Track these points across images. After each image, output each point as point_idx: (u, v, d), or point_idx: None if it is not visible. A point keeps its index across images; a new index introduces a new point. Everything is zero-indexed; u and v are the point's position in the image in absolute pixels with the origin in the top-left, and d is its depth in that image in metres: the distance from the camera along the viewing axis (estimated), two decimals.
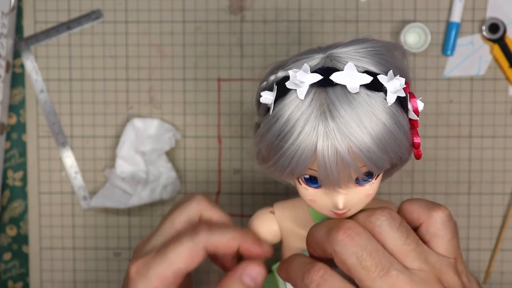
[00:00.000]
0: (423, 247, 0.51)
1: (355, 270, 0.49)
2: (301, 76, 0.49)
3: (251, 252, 0.57)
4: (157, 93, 0.77)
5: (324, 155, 0.49)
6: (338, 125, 0.48)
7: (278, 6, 0.76)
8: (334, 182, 0.50)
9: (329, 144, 0.48)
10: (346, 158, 0.49)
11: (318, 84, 0.49)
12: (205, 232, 0.56)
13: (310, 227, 0.55)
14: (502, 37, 0.75)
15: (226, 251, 0.57)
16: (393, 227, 0.50)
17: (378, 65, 0.51)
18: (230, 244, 0.57)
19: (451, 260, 0.51)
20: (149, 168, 0.76)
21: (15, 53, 0.78)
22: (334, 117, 0.48)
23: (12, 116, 0.78)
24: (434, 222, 0.52)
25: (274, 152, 0.51)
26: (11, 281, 0.79)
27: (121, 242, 0.79)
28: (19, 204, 0.79)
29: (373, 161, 0.49)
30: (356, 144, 0.48)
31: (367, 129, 0.48)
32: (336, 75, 0.49)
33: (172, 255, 0.55)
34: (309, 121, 0.49)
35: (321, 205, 0.53)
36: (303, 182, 0.53)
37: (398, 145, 0.50)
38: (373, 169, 0.50)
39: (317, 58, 0.51)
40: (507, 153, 0.77)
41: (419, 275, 0.49)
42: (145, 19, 0.77)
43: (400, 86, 0.50)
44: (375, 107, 0.49)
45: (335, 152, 0.48)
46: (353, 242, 0.49)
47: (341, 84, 0.49)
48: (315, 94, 0.49)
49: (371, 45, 0.52)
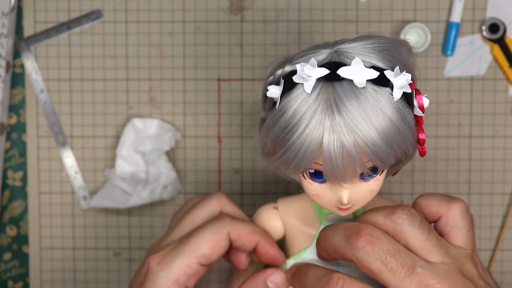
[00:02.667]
0: (443, 241, 0.52)
1: (381, 274, 0.49)
2: (309, 70, 0.49)
3: (268, 252, 0.58)
4: (157, 93, 0.77)
5: (330, 149, 0.49)
6: (345, 119, 0.48)
7: (278, 6, 0.76)
8: (339, 177, 0.51)
9: (335, 138, 0.49)
10: (352, 152, 0.49)
11: (325, 79, 0.49)
12: (228, 219, 0.57)
13: (319, 229, 0.55)
14: (502, 37, 0.75)
15: (247, 243, 0.57)
16: (415, 225, 0.51)
17: (384, 61, 0.51)
18: (251, 236, 0.57)
19: (469, 251, 0.52)
20: (149, 168, 0.76)
21: (15, 53, 0.78)
22: (340, 111, 0.48)
23: (12, 116, 0.78)
24: (454, 214, 0.53)
25: (280, 145, 0.51)
26: (11, 281, 0.79)
27: (121, 242, 0.79)
28: (19, 204, 0.79)
29: (378, 156, 0.49)
30: (362, 138, 0.49)
31: (373, 123, 0.49)
32: (343, 69, 0.49)
33: (196, 241, 0.55)
34: (315, 115, 0.49)
35: (325, 200, 0.53)
36: (308, 177, 0.53)
37: (403, 140, 0.50)
38: (378, 164, 0.51)
39: (324, 53, 0.51)
40: (507, 153, 0.77)
41: (443, 268, 0.50)
42: (145, 19, 0.77)
43: (406, 82, 0.50)
44: (381, 102, 0.49)
45: (341, 146, 0.49)
46: (375, 247, 0.50)
47: (348, 78, 0.49)
48: (322, 88, 0.49)
49: (378, 41, 0.52)
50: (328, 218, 0.57)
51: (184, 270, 0.55)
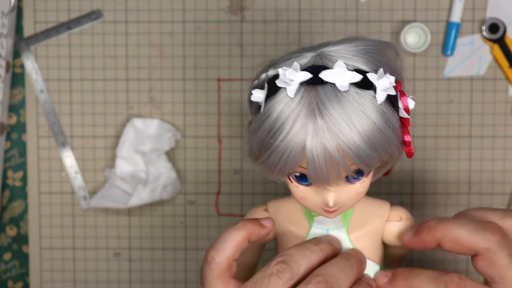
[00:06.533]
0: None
1: (504, 271, 0.51)
2: (291, 74, 0.49)
3: (258, 237, 0.57)
4: (157, 93, 0.77)
5: (313, 153, 0.49)
6: (327, 123, 0.48)
7: (278, 6, 0.76)
8: (323, 180, 0.51)
9: (318, 142, 0.49)
10: (335, 156, 0.49)
11: (308, 82, 0.49)
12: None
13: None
14: (502, 37, 0.75)
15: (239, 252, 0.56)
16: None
17: (368, 64, 0.51)
18: (240, 245, 0.56)
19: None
20: (149, 168, 0.76)
21: (15, 53, 0.78)
22: (323, 115, 0.48)
23: (12, 116, 0.78)
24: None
25: (264, 149, 0.51)
26: (11, 281, 0.79)
27: (121, 242, 0.79)
28: (19, 204, 0.79)
29: (362, 159, 0.49)
30: (345, 142, 0.48)
31: (356, 127, 0.49)
32: (326, 73, 0.49)
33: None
34: (298, 119, 0.49)
35: (311, 202, 0.53)
36: (293, 180, 0.53)
37: (387, 143, 0.50)
38: (362, 167, 0.51)
39: (307, 56, 0.51)
40: (507, 153, 0.77)
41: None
42: (145, 19, 0.77)
43: (390, 84, 0.50)
44: (364, 105, 0.49)
45: (324, 150, 0.49)
46: (509, 243, 0.51)
47: (330, 82, 0.49)
48: (304, 92, 0.49)
49: (362, 43, 0.52)
50: (317, 220, 0.57)
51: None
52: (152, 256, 0.79)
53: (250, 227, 0.55)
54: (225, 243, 0.54)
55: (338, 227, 0.57)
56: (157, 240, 0.78)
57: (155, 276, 0.79)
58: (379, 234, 0.58)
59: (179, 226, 0.78)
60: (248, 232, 0.54)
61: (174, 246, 0.78)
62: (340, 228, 0.57)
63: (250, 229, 0.55)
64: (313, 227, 0.57)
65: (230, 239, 0.54)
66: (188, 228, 0.78)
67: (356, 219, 0.57)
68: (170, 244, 0.78)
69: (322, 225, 0.57)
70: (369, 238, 0.58)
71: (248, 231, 0.54)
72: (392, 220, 0.59)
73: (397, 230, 0.58)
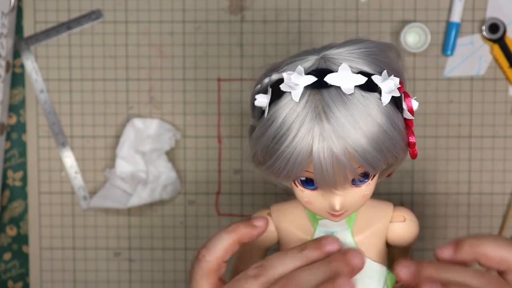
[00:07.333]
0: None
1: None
2: (296, 78, 0.49)
3: (251, 238, 0.57)
4: (157, 93, 0.77)
5: (320, 157, 0.49)
6: (333, 127, 0.48)
7: (278, 6, 0.76)
8: (330, 184, 0.50)
9: (324, 146, 0.48)
10: (342, 159, 0.48)
11: (313, 86, 0.49)
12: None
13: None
14: (502, 37, 0.75)
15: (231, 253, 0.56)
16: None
17: (372, 66, 0.51)
18: (230, 248, 0.56)
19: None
20: (149, 168, 0.76)
21: (15, 53, 0.78)
22: (329, 118, 0.48)
23: (12, 116, 0.78)
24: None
25: (269, 155, 0.51)
26: (11, 281, 0.79)
27: (121, 242, 0.79)
28: (19, 204, 0.79)
29: (368, 162, 0.49)
30: (352, 145, 0.48)
31: (362, 130, 0.48)
32: (331, 76, 0.49)
33: None
34: (304, 123, 0.49)
35: (317, 206, 0.53)
36: (299, 184, 0.53)
37: (393, 145, 0.50)
38: (369, 170, 0.50)
39: (311, 59, 0.51)
40: (507, 153, 0.77)
41: None
42: (145, 19, 0.77)
43: (394, 86, 0.50)
44: (370, 107, 0.49)
45: (331, 154, 0.48)
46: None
47: (335, 85, 0.49)
48: (309, 96, 0.49)
49: (365, 45, 0.52)
50: (322, 223, 0.57)
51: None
52: (152, 256, 0.79)
53: (241, 230, 0.55)
54: (216, 245, 0.54)
55: (343, 230, 0.57)
56: (157, 240, 0.78)
57: (155, 276, 0.79)
58: (383, 235, 0.58)
59: (179, 226, 0.78)
60: (238, 235, 0.55)
61: (174, 246, 0.78)
62: (345, 231, 0.57)
63: (241, 232, 0.55)
64: (317, 231, 0.57)
65: (221, 242, 0.54)
66: (188, 228, 0.78)
67: (360, 221, 0.57)
68: (170, 244, 0.78)
69: (326, 228, 0.57)
70: (373, 239, 0.58)
71: (238, 234, 0.55)
72: (396, 221, 0.59)
73: (401, 231, 0.59)
